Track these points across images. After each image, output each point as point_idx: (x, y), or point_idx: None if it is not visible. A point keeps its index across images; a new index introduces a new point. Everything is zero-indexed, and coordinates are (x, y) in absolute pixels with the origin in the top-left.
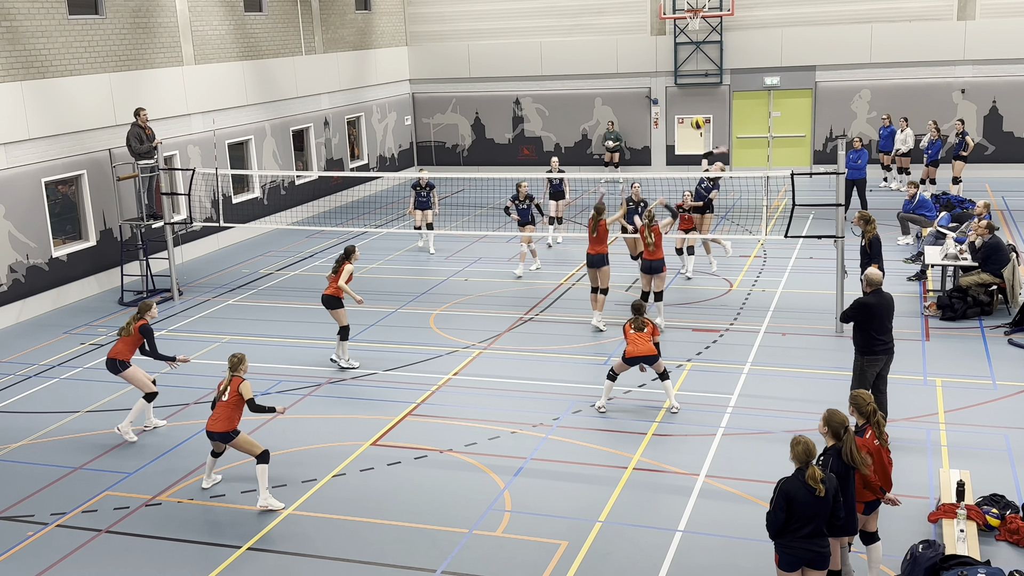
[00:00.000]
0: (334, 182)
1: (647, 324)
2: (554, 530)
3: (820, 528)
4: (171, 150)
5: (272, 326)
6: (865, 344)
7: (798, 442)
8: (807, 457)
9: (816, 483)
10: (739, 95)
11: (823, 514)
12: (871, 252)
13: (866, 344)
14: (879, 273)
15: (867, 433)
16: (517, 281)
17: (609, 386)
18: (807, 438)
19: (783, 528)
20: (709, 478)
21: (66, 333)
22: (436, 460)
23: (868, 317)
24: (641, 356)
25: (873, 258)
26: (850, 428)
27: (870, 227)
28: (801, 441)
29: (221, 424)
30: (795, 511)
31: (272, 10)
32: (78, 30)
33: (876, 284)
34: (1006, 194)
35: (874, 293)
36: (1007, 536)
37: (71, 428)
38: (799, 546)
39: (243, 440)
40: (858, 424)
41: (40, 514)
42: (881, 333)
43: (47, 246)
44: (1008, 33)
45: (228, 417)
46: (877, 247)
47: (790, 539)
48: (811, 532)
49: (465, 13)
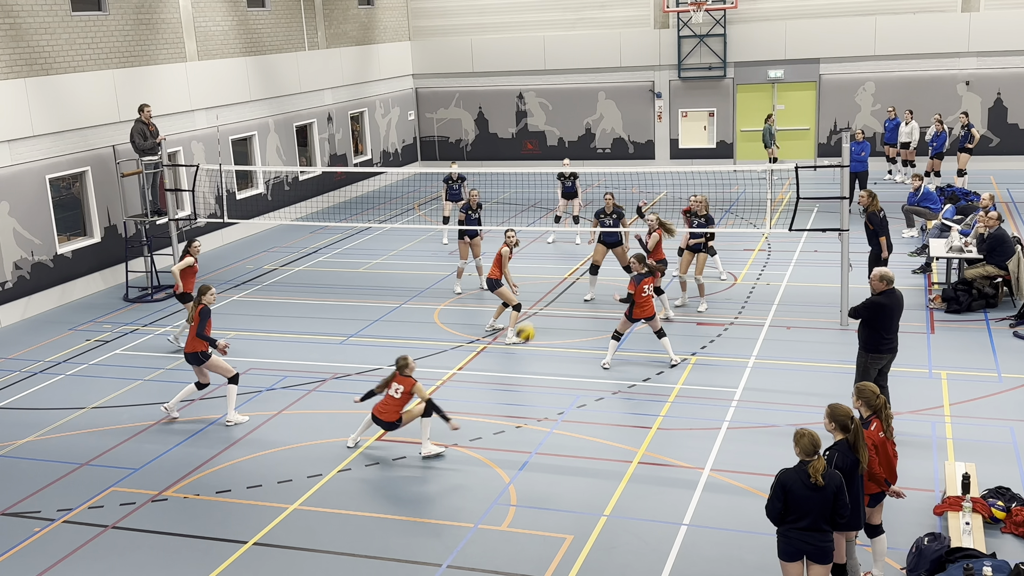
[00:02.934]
0: (338, 178)
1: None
2: (559, 524)
3: (819, 522)
4: (175, 146)
5: (276, 322)
6: (871, 342)
7: (803, 434)
8: (813, 449)
9: (816, 475)
10: (743, 88)
11: (822, 507)
12: (874, 227)
13: (872, 342)
14: (891, 272)
15: (872, 425)
16: (522, 276)
17: (613, 345)
18: (812, 431)
19: (781, 518)
20: (714, 472)
21: (71, 330)
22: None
23: (878, 316)
24: (645, 316)
25: (880, 232)
26: (857, 420)
27: (874, 202)
28: (806, 433)
29: (389, 416)
30: (792, 502)
31: (275, 5)
32: (81, 27)
33: (890, 282)
34: (1011, 186)
35: (886, 293)
36: (1013, 529)
37: (77, 424)
38: (797, 537)
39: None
40: (863, 416)
41: (47, 510)
42: (888, 332)
43: (52, 243)
44: (1013, 25)
45: (396, 410)
46: (877, 221)
47: (788, 529)
48: (809, 525)
49: (468, 7)
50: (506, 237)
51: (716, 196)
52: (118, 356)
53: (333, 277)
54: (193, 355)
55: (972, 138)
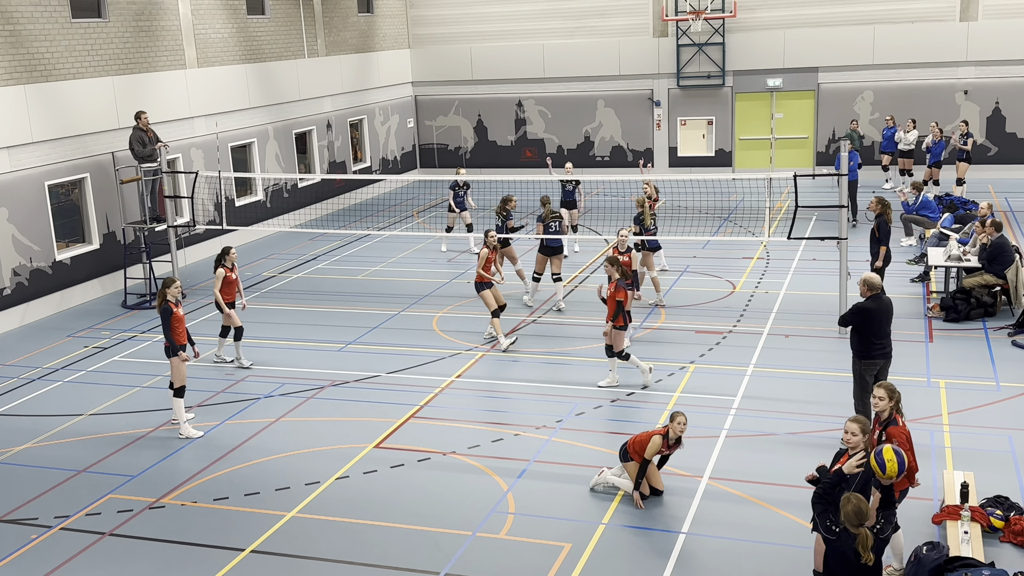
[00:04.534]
0: (337, 185)
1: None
2: (558, 532)
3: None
4: (174, 153)
5: (275, 328)
6: (863, 348)
7: (848, 501)
8: (858, 521)
9: (866, 551)
10: (741, 97)
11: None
12: (880, 235)
13: (864, 348)
14: (878, 277)
15: (899, 422)
16: (519, 283)
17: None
18: (859, 497)
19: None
20: (713, 480)
21: (69, 336)
22: (439, 462)
23: (867, 322)
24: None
25: (882, 241)
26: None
27: (887, 210)
28: (851, 500)
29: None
30: (836, 570)
31: (275, 13)
32: (81, 33)
33: (876, 288)
34: (1009, 195)
35: (873, 298)
36: (1011, 538)
37: (75, 431)
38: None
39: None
40: (882, 418)
41: (44, 517)
42: (879, 338)
43: (51, 249)
44: (1011, 34)
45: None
46: (886, 229)
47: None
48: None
49: (467, 16)
50: (487, 238)
51: (715, 204)
52: (116, 363)
53: (332, 284)
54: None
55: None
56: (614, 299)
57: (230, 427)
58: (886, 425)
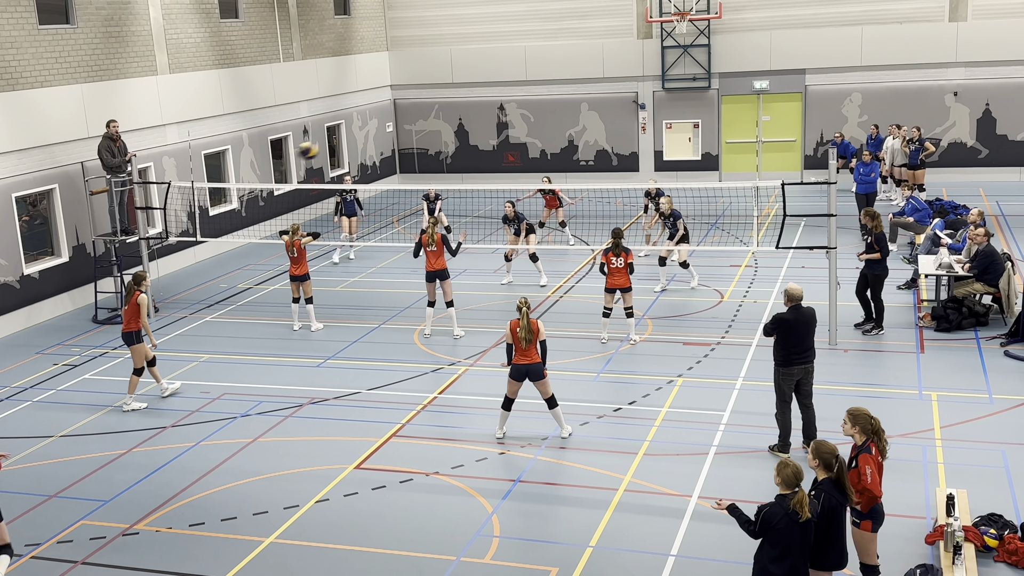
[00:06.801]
0: (313, 193)
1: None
2: (544, 556)
3: (800, 565)
4: (145, 162)
5: (251, 344)
6: (782, 357)
7: (786, 464)
8: (796, 480)
9: (802, 507)
10: (728, 99)
11: (804, 544)
12: (879, 247)
13: (783, 357)
14: (799, 288)
15: (872, 450)
16: (502, 295)
17: (605, 322)
18: (796, 462)
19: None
20: (702, 499)
21: (38, 353)
22: (422, 483)
23: (786, 332)
24: (619, 287)
25: (882, 253)
26: (841, 457)
27: (876, 223)
28: (790, 464)
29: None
30: (773, 539)
31: (249, 16)
32: (49, 40)
33: (796, 300)
34: (1000, 198)
35: (792, 309)
36: (1006, 557)
37: (44, 454)
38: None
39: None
40: (858, 442)
41: (14, 545)
42: (799, 347)
43: (18, 263)
44: (1000, 35)
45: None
46: (884, 243)
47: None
48: (791, 569)
49: (447, 17)
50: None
51: (702, 209)
52: (87, 381)
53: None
54: (127, 335)
55: (926, 151)
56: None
57: (205, 448)
58: (859, 452)
